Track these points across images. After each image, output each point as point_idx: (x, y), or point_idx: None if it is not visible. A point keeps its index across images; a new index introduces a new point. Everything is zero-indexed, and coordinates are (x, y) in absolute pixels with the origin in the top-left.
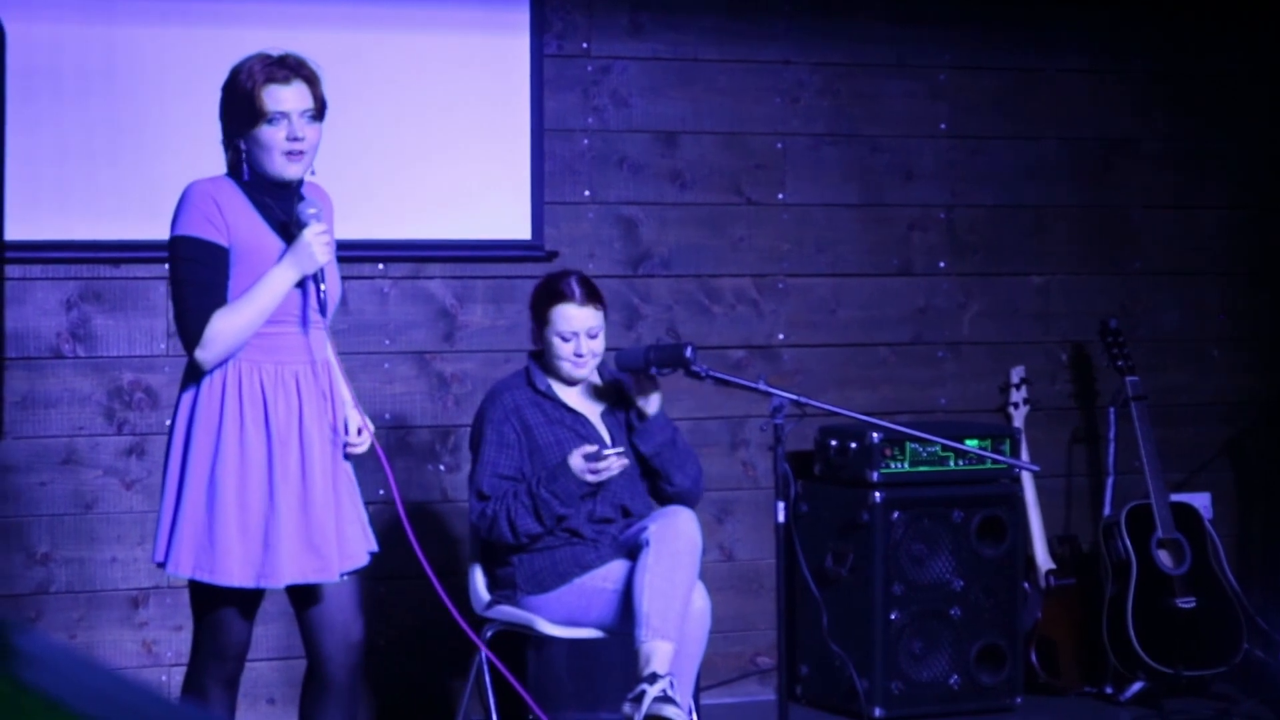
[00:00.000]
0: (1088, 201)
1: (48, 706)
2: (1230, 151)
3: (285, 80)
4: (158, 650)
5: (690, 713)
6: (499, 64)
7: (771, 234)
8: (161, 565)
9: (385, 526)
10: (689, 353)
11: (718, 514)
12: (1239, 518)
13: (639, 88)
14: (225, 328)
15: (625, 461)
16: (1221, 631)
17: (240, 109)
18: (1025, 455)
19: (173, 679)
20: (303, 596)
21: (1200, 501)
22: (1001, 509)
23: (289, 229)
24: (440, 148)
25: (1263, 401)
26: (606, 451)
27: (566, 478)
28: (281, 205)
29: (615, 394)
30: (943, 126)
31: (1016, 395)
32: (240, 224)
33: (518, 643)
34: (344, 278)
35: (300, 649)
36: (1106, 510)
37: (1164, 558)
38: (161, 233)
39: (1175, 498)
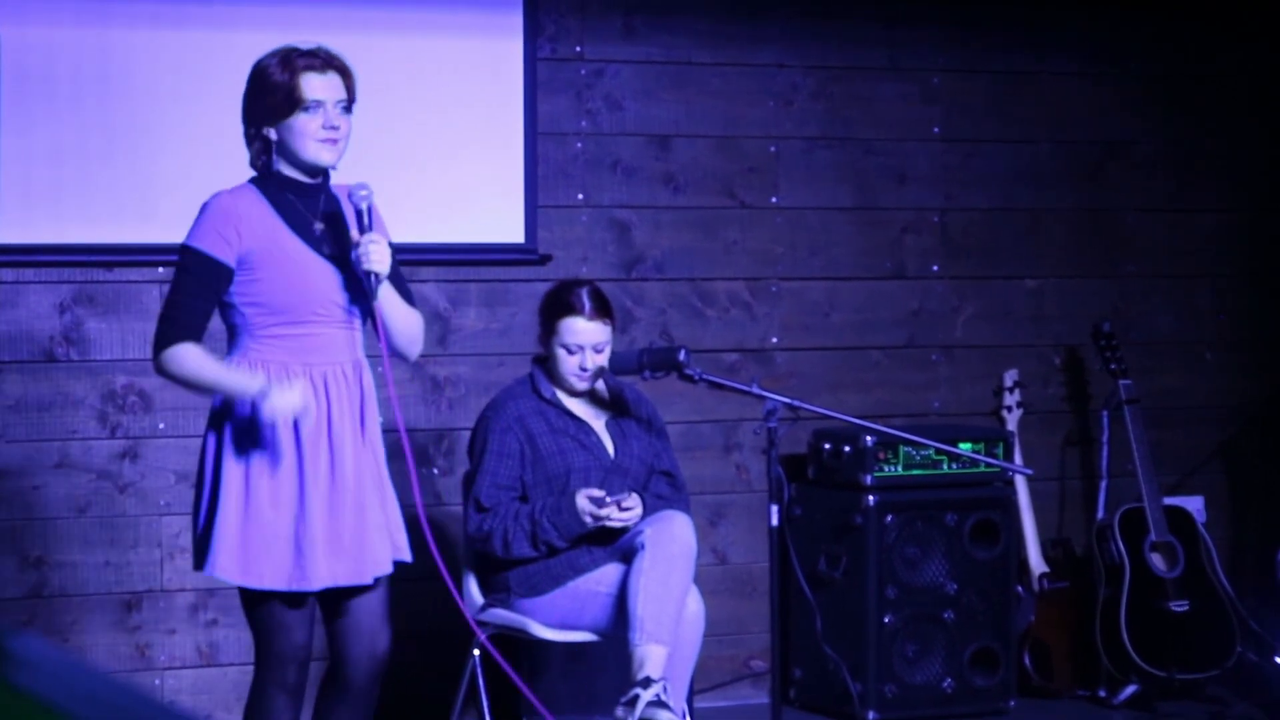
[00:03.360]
0: (1081, 204)
1: (41, 711)
2: (1224, 154)
3: (321, 70)
4: (150, 654)
5: (684, 716)
6: (492, 67)
7: (765, 237)
8: (200, 569)
9: None
10: (682, 356)
11: (711, 517)
12: (1232, 521)
13: (632, 91)
14: (176, 364)
15: (634, 513)
16: (1214, 634)
17: (274, 98)
18: (1018, 458)
19: (165, 683)
20: (332, 602)
21: (1193, 505)
22: (995, 512)
23: (310, 229)
24: (433, 151)
25: (1256, 405)
26: (609, 500)
27: (572, 513)
28: (306, 204)
29: (619, 403)
30: (936, 130)
31: (1010, 398)
32: (259, 232)
33: (512, 646)
34: None
35: None
36: (1100, 513)
37: (1157, 561)
38: (154, 236)
39: (1168, 501)
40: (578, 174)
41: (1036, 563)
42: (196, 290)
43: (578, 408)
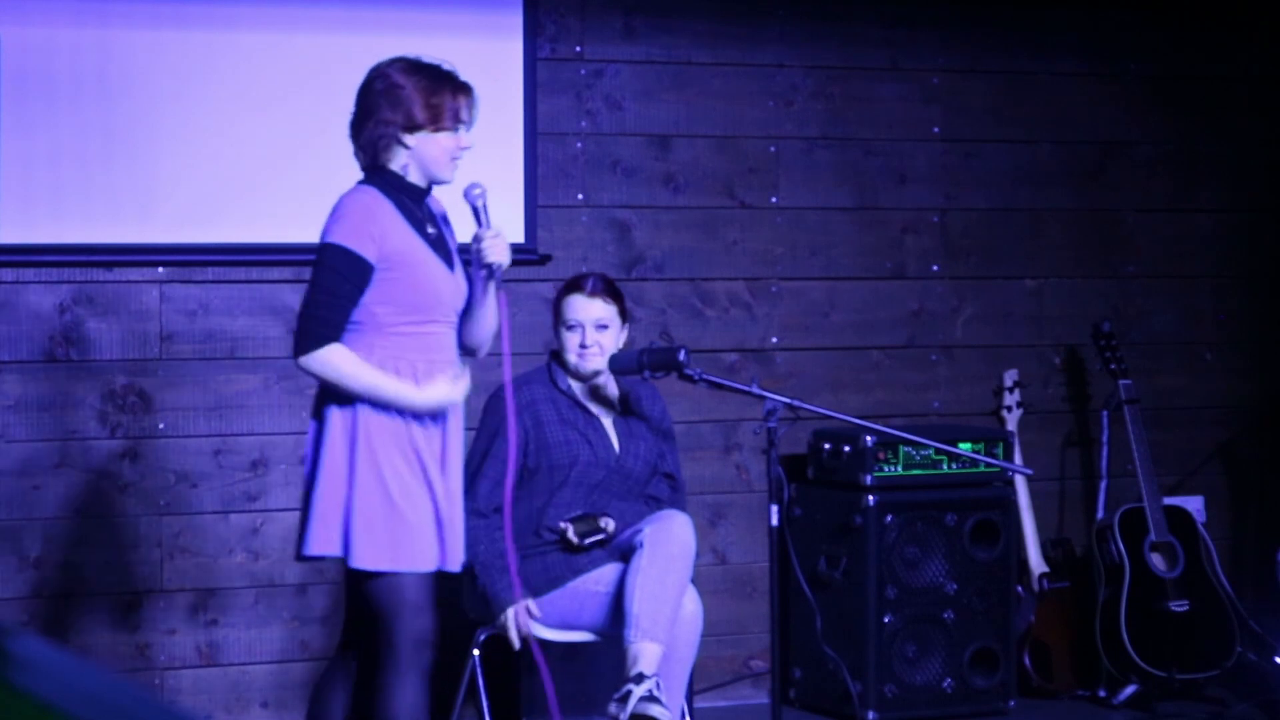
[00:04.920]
0: (1081, 205)
1: (41, 710)
2: (1224, 154)
3: (468, 94)
4: (151, 654)
5: (684, 716)
6: (492, 67)
7: (765, 237)
8: (339, 559)
9: None
10: (683, 356)
11: (711, 517)
12: (1232, 521)
13: (632, 91)
14: (334, 366)
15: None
16: (1214, 635)
17: (433, 113)
18: (1018, 458)
19: (165, 682)
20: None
21: (1193, 505)
22: (995, 512)
23: (424, 231)
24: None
25: (1255, 405)
26: (585, 543)
27: (499, 601)
28: (419, 209)
29: (631, 402)
30: (936, 130)
31: (1010, 398)
32: (395, 234)
33: (511, 646)
34: None
35: (296, 654)
36: (1100, 513)
37: (1157, 561)
38: (154, 236)
39: (1168, 501)
40: (578, 174)
41: (1036, 563)
42: (344, 289)
43: (590, 402)
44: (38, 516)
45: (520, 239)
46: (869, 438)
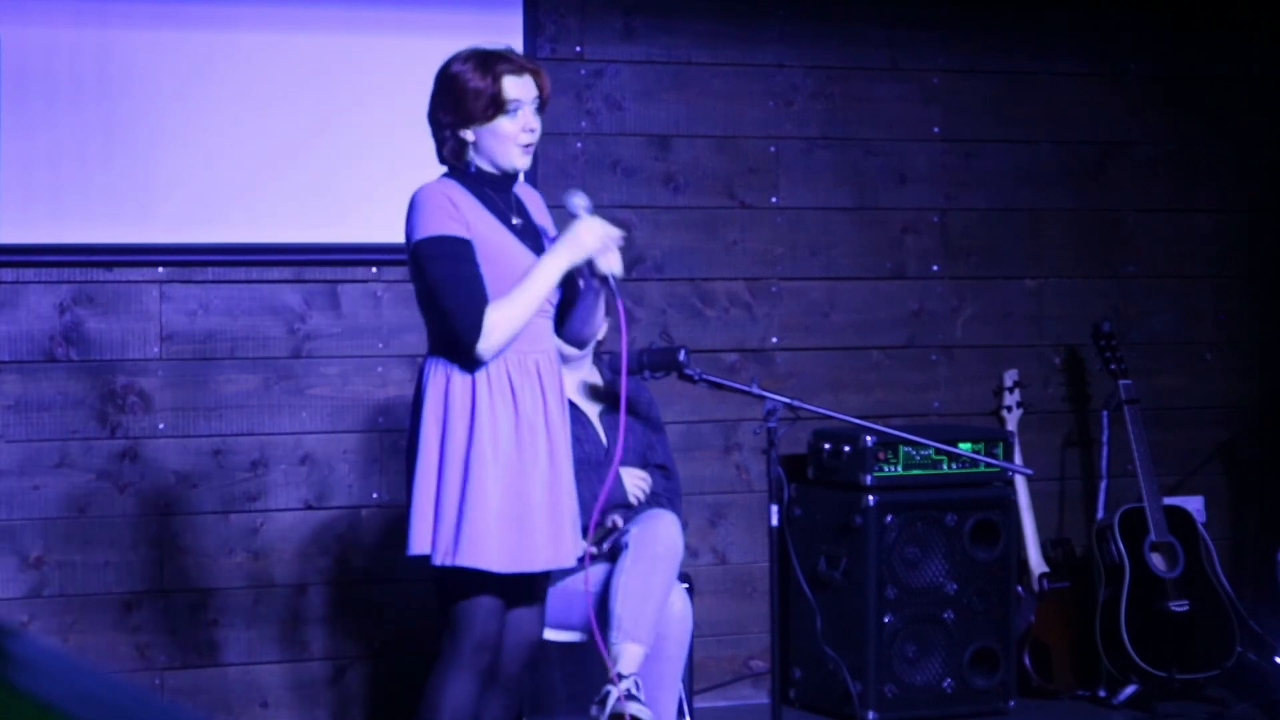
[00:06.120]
0: (1081, 205)
1: (41, 710)
2: (1224, 154)
3: (518, 72)
4: (151, 654)
5: (684, 716)
6: None
7: (765, 237)
8: (425, 558)
9: (385, 528)
10: (682, 356)
11: (711, 518)
12: (1232, 521)
13: (632, 91)
14: (502, 320)
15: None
16: (1214, 635)
17: (477, 102)
18: (1018, 458)
19: (166, 682)
20: (506, 588)
21: (1193, 505)
22: (995, 512)
23: (509, 223)
24: (434, 151)
25: (1255, 405)
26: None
27: None
28: (502, 199)
29: (615, 396)
30: (936, 130)
31: (1010, 398)
32: (475, 220)
33: None
34: (338, 281)
35: (296, 654)
36: (1100, 513)
37: (1157, 561)
38: (154, 236)
39: (1168, 501)
40: (578, 174)
41: (1036, 563)
42: (464, 271)
43: (576, 397)
44: (38, 516)
45: None
46: (869, 438)
